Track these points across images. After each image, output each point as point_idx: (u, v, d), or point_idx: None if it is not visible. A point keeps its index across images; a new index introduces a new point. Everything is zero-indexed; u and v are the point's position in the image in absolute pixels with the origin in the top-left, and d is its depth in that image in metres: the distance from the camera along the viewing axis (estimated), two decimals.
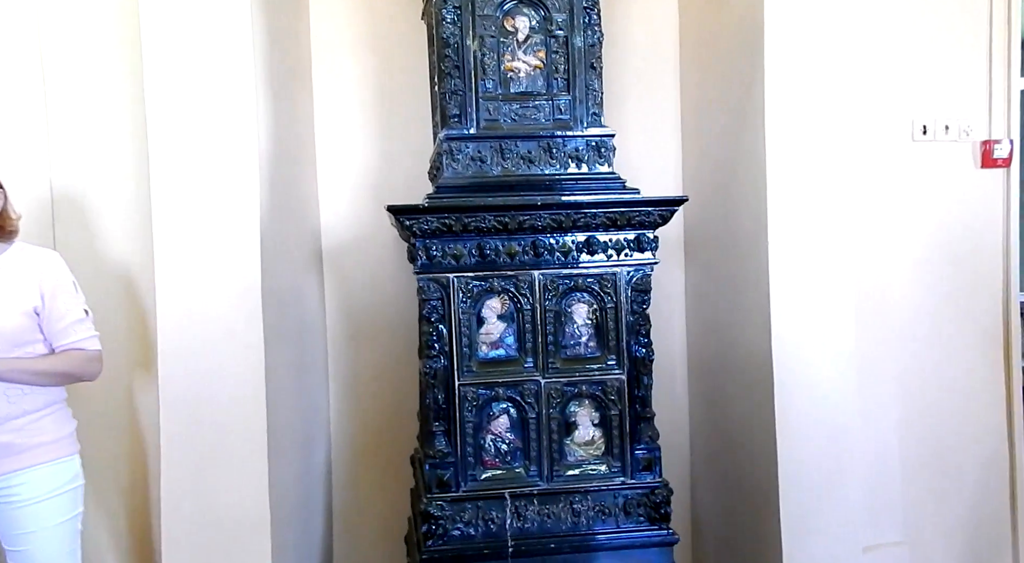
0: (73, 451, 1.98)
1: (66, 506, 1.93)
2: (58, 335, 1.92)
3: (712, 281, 2.71)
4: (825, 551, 2.32)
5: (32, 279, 1.91)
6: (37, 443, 1.89)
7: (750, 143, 2.39)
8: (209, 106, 2.12)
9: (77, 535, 1.97)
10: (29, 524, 1.87)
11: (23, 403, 1.87)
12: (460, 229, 1.97)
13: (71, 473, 1.95)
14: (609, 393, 2.06)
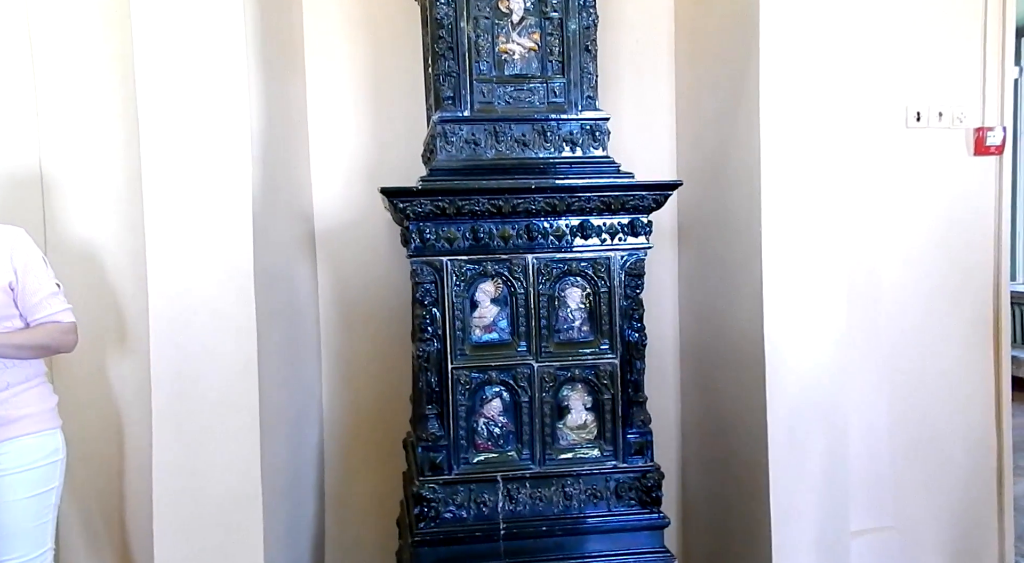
0: (56, 425, 2.02)
1: (43, 478, 1.95)
2: (33, 309, 1.94)
3: (705, 266, 2.71)
4: (813, 535, 2.34)
5: (3, 255, 1.92)
6: (22, 415, 1.92)
7: (744, 127, 2.39)
8: (200, 86, 2.10)
9: (51, 508, 1.99)
10: (5, 493, 1.89)
11: (6, 376, 1.90)
12: (454, 212, 1.96)
13: (53, 446, 1.99)
14: (602, 377, 2.06)
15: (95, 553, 2.47)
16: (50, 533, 1.98)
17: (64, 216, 2.40)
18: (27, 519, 1.93)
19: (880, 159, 2.87)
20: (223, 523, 2.16)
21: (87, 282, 2.19)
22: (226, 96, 2.13)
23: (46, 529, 1.97)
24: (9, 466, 1.90)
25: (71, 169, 2.42)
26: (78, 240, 2.38)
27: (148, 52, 2.06)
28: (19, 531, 1.91)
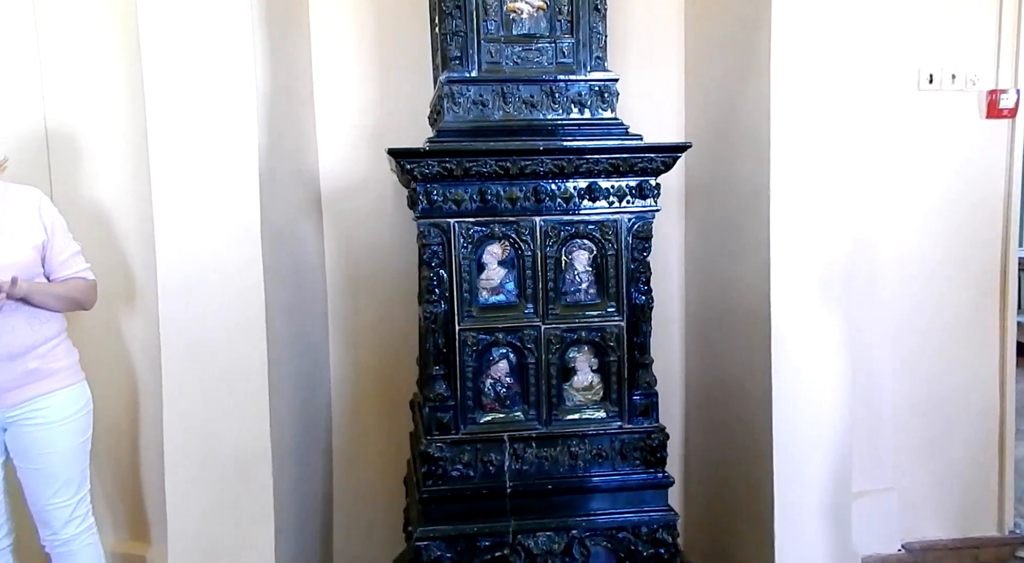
0: (83, 377, 2.11)
1: (82, 428, 2.08)
2: (60, 267, 2.03)
3: (712, 229, 2.70)
4: (816, 497, 2.38)
5: (33, 215, 1.99)
6: (58, 368, 2.02)
7: (755, 88, 2.36)
8: (206, 46, 2.09)
9: (87, 455, 2.11)
10: (51, 444, 2.00)
11: (44, 331, 1.99)
12: (461, 174, 1.95)
13: (85, 397, 2.10)
14: (608, 339, 2.07)
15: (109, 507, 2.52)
16: (88, 477, 2.11)
17: (70, 176, 2.41)
18: (72, 466, 2.05)
19: (891, 122, 2.85)
20: (234, 480, 2.20)
21: (94, 241, 2.20)
22: (232, 57, 2.12)
23: (85, 474, 2.10)
24: (55, 417, 2.00)
25: (76, 129, 2.42)
26: (84, 200, 2.39)
27: (153, 11, 2.04)
28: (66, 477, 2.04)
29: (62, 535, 2.05)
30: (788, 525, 2.34)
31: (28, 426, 1.98)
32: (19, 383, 1.94)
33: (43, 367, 1.98)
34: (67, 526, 2.05)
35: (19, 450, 2.00)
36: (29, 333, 1.94)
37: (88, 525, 2.10)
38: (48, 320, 2.00)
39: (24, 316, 1.93)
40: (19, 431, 1.98)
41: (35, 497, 2.03)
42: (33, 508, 2.04)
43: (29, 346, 1.94)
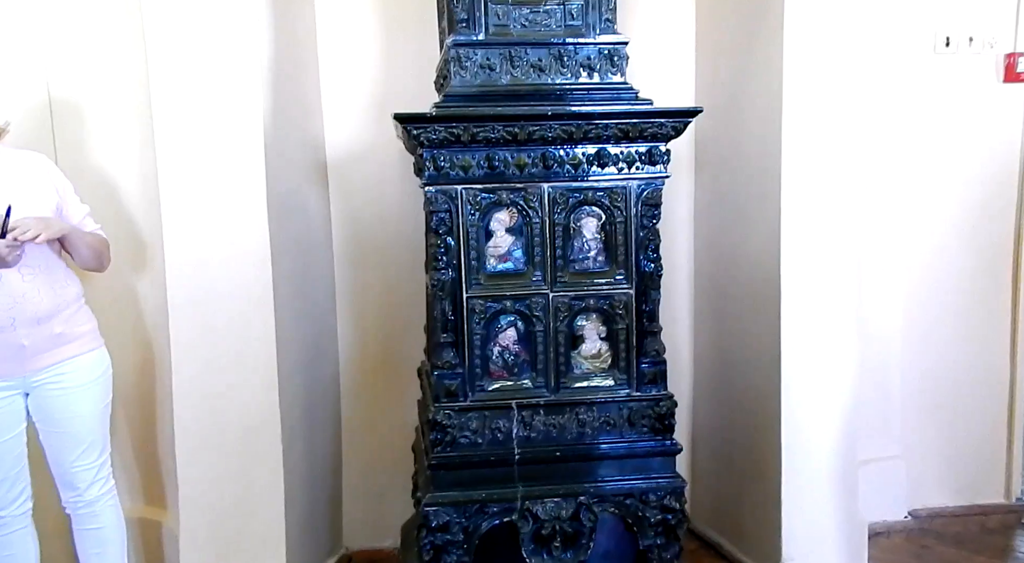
0: (103, 343, 2.13)
1: (103, 391, 2.10)
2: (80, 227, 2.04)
3: (721, 196, 2.68)
4: (823, 464, 2.38)
5: (44, 180, 2.00)
6: (81, 332, 2.05)
7: (767, 51, 2.32)
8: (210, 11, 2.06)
9: (108, 419, 2.13)
10: (75, 408, 2.03)
11: (65, 294, 2.01)
12: (468, 139, 1.93)
13: (106, 362, 2.12)
14: (616, 307, 2.06)
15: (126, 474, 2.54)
16: (108, 440, 2.14)
17: (75, 144, 2.38)
18: (95, 429, 2.08)
19: (905, 87, 2.80)
20: (243, 447, 2.22)
21: (101, 210, 2.19)
22: (236, 22, 2.09)
23: (107, 437, 2.13)
24: (79, 381, 2.03)
25: (80, 97, 2.39)
26: (90, 168, 2.37)
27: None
28: (90, 440, 2.07)
29: (86, 497, 2.08)
30: (795, 492, 2.35)
31: (53, 390, 1.99)
32: (46, 347, 1.96)
33: (67, 331, 2.00)
34: (91, 488, 2.08)
35: (44, 414, 2.01)
36: (53, 296, 1.96)
37: (110, 487, 2.14)
38: (69, 284, 2.02)
39: (46, 279, 1.94)
40: (43, 395, 1.99)
41: (59, 460, 2.05)
42: (57, 471, 2.07)
43: (54, 310, 1.96)
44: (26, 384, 1.98)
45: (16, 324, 1.89)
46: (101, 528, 2.13)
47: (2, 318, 1.87)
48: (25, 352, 1.92)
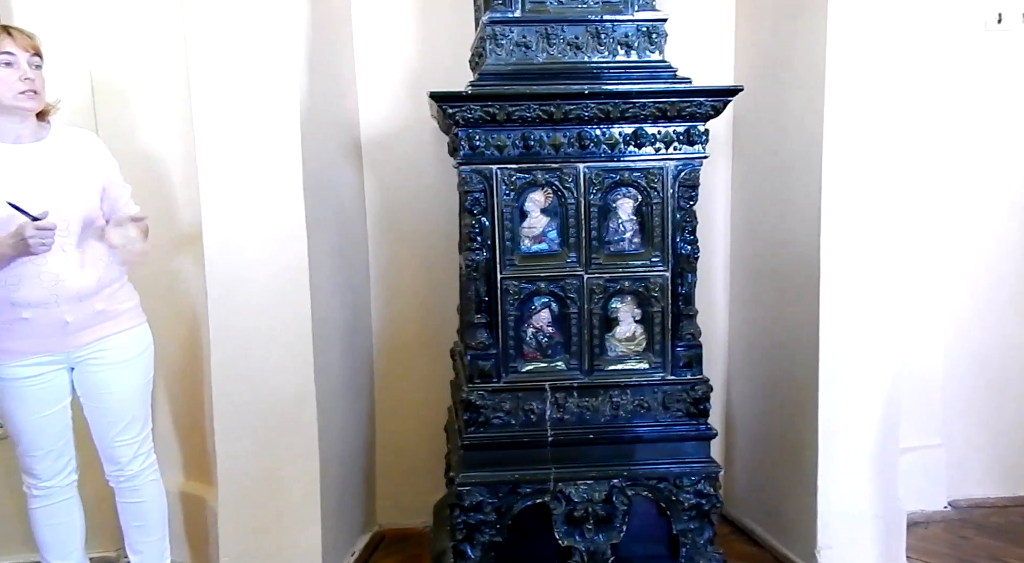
0: (145, 319, 2.17)
1: (145, 367, 2.14)
2: (123, 209, 2.09)
3: (760, 176, 2.62)
4: (862, 450, 2.34)
5: (92, 160, 2.04)
6: (123, 309, 2.08)
7: (809, 27, 2.25)
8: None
9: (150, 395, 2.18)
10: (117, 383, 2.07)
11: (108, 273, 2.04)
12: (504, 118, 1.91)
13: (148, 339, 2.16)
14: (652, 289, 2.03)
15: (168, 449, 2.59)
16: (150, 416, 2.19)
17: (117, 124, 2.42)
18: (139, 403, 2.14)
19: (955, 65, 2.70)
20: (280, 423, 2.26)
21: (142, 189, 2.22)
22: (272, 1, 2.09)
23: (148, 413, 2.18)
24: (121, 357, 2.07)
25: (122, 77, 2.42)
26: (130, 147, 2.40)
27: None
28: (132, 415, 2.12)
29: (127, 471, 2.13)
30: (832, 479, 2.31)
31: (95, 365, 2.04)
32: (89, 323, 1.99)
33: (109, 308, 2.03)
34: (132, 462, 2.13)
35: (87, 389, 2.06)
36: (95, 274, 1.99)
37: (151, 462, 2.18)
38: (110, 263, 2.05)
39: (90, 258, 1.97)
40: (86, 370, 2.04)
41: (102, 435, 2.10)
42: (100, 445, 2.12)
43: (96, 287, 1.99)
44: (70, 359, 2.02)
45: (59, 301, 1.93)
46: (142, 502, 2.18)
47: (46, 295, 1.91)
48: (68, 328, 1.96)
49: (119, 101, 2.43)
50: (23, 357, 1.95)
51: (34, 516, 2.12)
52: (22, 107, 1.89)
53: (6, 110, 1.89)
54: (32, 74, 1.88)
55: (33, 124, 1.95)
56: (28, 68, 1.88)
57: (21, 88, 1.86)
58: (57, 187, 1.93)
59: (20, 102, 1.87)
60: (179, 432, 2.62)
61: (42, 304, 1.92)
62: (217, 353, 2.23)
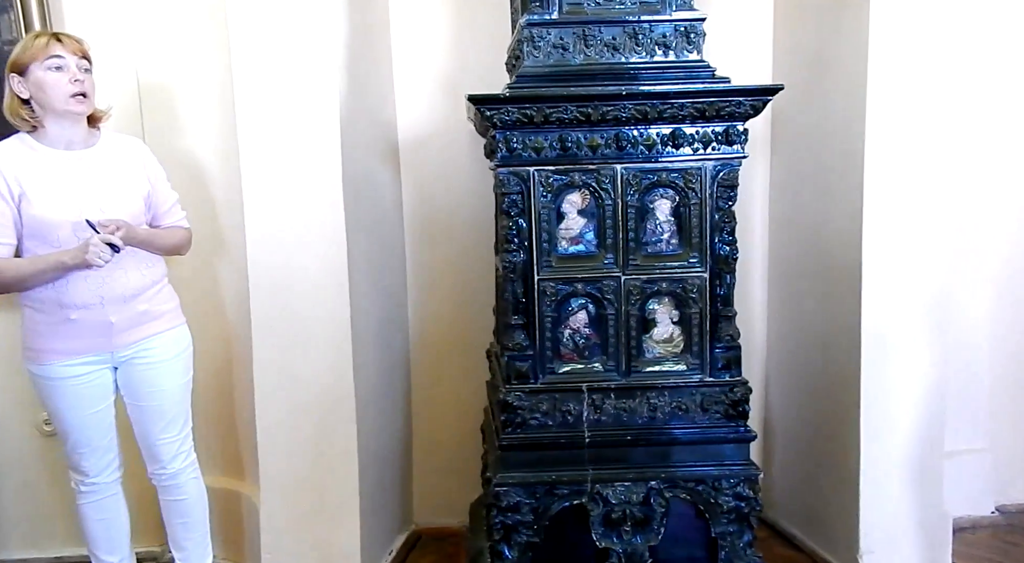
0: (184, 320, 2.21)
1: (184, 367, 2.19)
2: (164, 216, 2.15)
3: (799, 175, 2.59)
4: (905, 453, 2.30)
5: (139, 167, 2.09)
6: (165, 310, 2.13)
7: (852, 24, 2.22)
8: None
9: (190, 394, 2.22)
10: (158, 382, 2.12)
11: (151, 274, 2.09)
12: (541, 120, 1.91)
13: (188, 339, 2.21)
14: (690, 291, 2.02)
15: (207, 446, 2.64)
16: (190, 415, 2.23)
17: (162, 128, 2.47)
18: (179, 402, 2.18)
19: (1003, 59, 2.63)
20: (320, 421, 2.29)
21: (186, 191, 2.26)
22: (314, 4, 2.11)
23: (188, 412, 2.22)
24: (163, 357, 2.12)
25: (167, 81, 2.48)
26: (177, 151, 2.46)
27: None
28: (174, 413, 2.17)
29: (169, 469, 2.18)
30: (875, 482, 2.28)
31: (138, 365, 2.09)
32: (132, 324, 2.04)
33: (151, 309, 2.08)
34: (173, 461, 2.17)
35: (130, 388, 2.11)
36: (139, 277, 2.04)
37: (192, 460, 2.23)
38: (154, 265, 2.10)
39: (134, 261, 2.02)
40: (130, 369, 2.09)
41: (144, 433, 2.15)
42: (142, 444, 2.17)
43: (139, 289, 2.04)
44: (114, 359, 2.07)
45: (104, 302, 1.98)
46: (184, 499, 2.22)
47: (91, 297, 1.97)
48: (112, 328, 2.01)
49: (164, 106, 2.48)
50: (70, 357, 2.01)
51: (83, 511, 2.18)
52: (72, 111, 1.94)
53: (58, 115, 1.94)
54: (81, 77, 1.93)
55: (84, 130, 2.01)
56: (77, 71, 1.93)
57: (72, 90, 1.91)
58: (104, 193, 1.98)
59: (71, 106, 1.93)
60: (217, 430, 2.66)
61: (88, 306, 1.97)
62: (259, 353, 2.26)
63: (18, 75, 1.91)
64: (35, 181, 1.91)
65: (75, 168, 1.97)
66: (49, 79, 1.90)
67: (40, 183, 1.92)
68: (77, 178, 1.96)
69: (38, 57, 1.89)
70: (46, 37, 1.92)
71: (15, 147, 1.95)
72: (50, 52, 1.90)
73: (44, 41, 1.90)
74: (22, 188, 1.90)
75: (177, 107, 2.48)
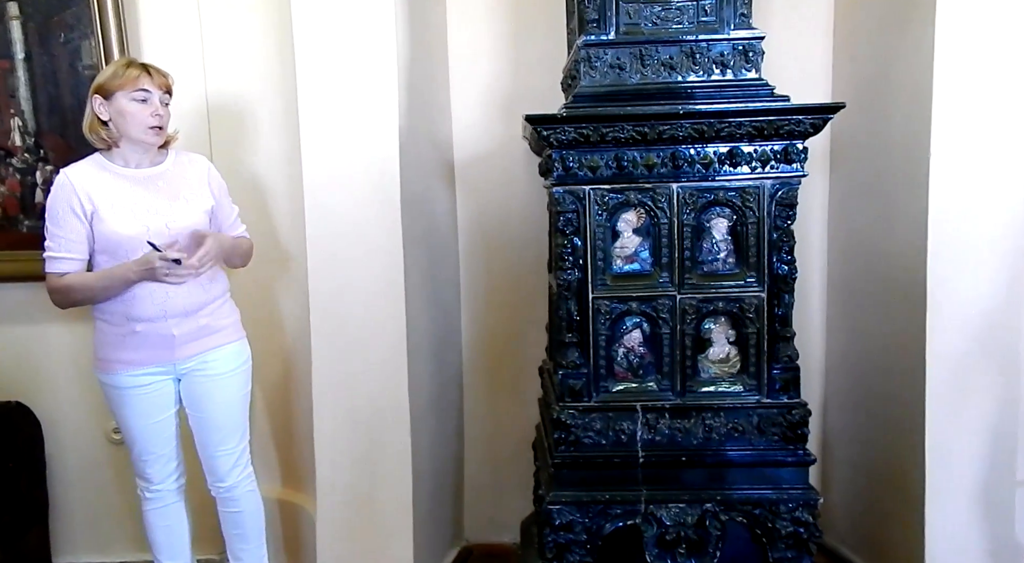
0: (244, 335, 2.27)
1: (243, 381, 2.24)
2: (228, 229, 2.22)
3: (860, 193, 2.53)
4: (973, 479, 2.21)
5: (203, 182, 2.17)
6: (225, 325, 2.20)
7: (914, 40, 2.17)
8: (351, 16, 2.16)
9: (247, 408, 2.27)
10: (217, 395, 2.18)
11: (213, 290, 2.16)
12: (597, 140, 1.92)
13: (246, 353, 2.26)
14: (747, 310, 1.99)
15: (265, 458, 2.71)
16: (248, 429, 2.29)
17: (229, 147, 2.57)
18: (236, 415, 2.24)
19: None
20: (375, 435, 2.32)
21: (250, 209, 2.34)
22: (375, 26, 2.17)
23: (246, 425, 2.28)
24: (222, 370, 2.18)
25: (234, 102, 2.57)
26: (240, 168, 2.54)
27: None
28: (233, 425, 2.23)
29: (226, 482, 2.24)
30: (940, 510, 2.19)
31: (198, 377, 2.16)
32: (193, 337, 2.11)
33: (212, 323, 2.15)
34: (230, 473, 2.23)
35: (190, 399, 2.18)
36: (201, 292, 2.11)
37: (248, 473, 2.28)
38: (216, 280, 2.17)
39: (196, 276, 2.08)
40: (191, 381, 2.16)
41: (203, 444, 2.22)
42: (202, 455, 2.23)
43: (201, 304, 2.11)
44: (176, 370, 2.14)
45: (167, 315, 2.06)
46: (240, 512, 2.27)
47: (155, 310, 2.04)
48: (174, 341, 2.09)
49: (230, 124, 2.57)
50: (135, 367, 2.09)
51: (147, 518, 2.25)
52: (147, 141, 2.04)
53: (132, 141, 2.04)
54: (162, 111, 2.03)
55: (152, 151, 2.10)
56: (159, 105, 2.02)
57: (151, 123, 2.01)
58: (170, 208, 2.06)
59: (148, 137, 2.03)
60: (277, 442, 2.73)
61: (152, 319, 2.05)
62: (318, 368, 2.31)
63: (103, 98, 2.00)
64: (105, 199, 2.01)
65: (143, 186, 2.06)
66: (133, 109, 1.99)
67: (110, 200, 2.01)
68: (144, 195, 2.05)
69: (126, 86, 1.98)
70: (138, 70, 2.01)
71: (88, 167, 2.06)
72: (139, 85, 1.99)
73: (136, 73, 2.00)
74: (94, 206, 1.99)
75: (243, 128, 2.57)
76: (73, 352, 2.66)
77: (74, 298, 2.04)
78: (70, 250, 2.01)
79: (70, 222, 2.00)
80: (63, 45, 2.49)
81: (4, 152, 2.58)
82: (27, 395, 2.69)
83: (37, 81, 2.52)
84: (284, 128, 2.45)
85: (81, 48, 2.49)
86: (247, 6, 2.51)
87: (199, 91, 2.55)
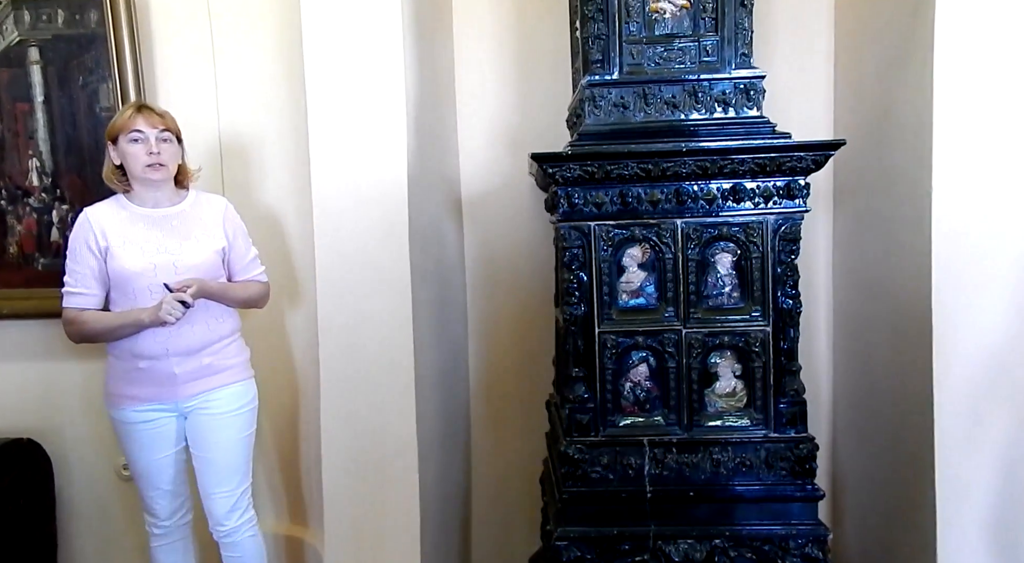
0: (251, 375, 2.28)
1: (246, 422, 2.23)
2: (241, 270, 2.24)
3: (863, 228, 2.55)
4: (986, 515, 2.19)
5: (217, 223, 2.20)
6: (231, 364, 2.20)
7: (914, 78, 2.21)
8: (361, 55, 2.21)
9: (251, 450, 2.26)
10: (218, 434, 2.18)
11: (219, 329, 2.17)
12: (602, 177, 1.96)
13: (252, 394, 2.26)
14: (752, 344, 2.01)
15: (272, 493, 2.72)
16: (250, 472, 2.27)
17: (240, 183, 2.62)
18: (237, 457, 2.22)
19: None
20: (383, 469, 2.32)
21: (261, 244, 2.37)
22: (384, 64, 2.22)
23: (248, 468, 2.26)
24: (223, 410, 2.18)
25: (245, 140, 2.63)
26: (252, 203, 2.59)
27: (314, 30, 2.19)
28: (231, 467, 2.21)
29: (225, 525, 2.20)
30: (954, 547, 2.17)
31: (201, 415, 2.17)
32: (195, 376, 2.13)
33: (216, 363, 2.16)
34: (229, 516, 2.20)
35: (193, 437, 2.19)
36: (206, 331, 2.14)
37: (248, 517, 2.25)
38: (224, 320, 2.19)
39: (203, 315, 2.12)
40: (195, 419, 2.17)
41: (202, 484, 2.20)
42: (202, 495, 2.21)
43: (205, 343, 2.14)
44: (180, 408, 2.16)
45: (169, 353, 2.08)
46: (240, 557, 2.24)
47: (158, 348, 2.07)
48: (176, 379, 2.11)
49: (242, 162, 2.63)
50: (140, 403, 2.11)
51: (155, 554, 2.25)
52: (149, 178, 2.08)
53: (138, 180, 2.10)
54: (158, 148, 2.06)
55: (170, 190, 2.15)
56: (155, 143, 2.06)
57: (147, 161, 2.06)
58: (179, 247, 2.10)
59: (147, 174, 2.07)
60: (284, 478, 2.73)
61: (155, 356, 2.08)
62: (327, 401, 2.33)
63: (112, 144, 2.08)
64: (119, 236, 2.06)
65: (158, 225, 2.10)
66: (131, 150, 2.06)
67: (123, 238, 2.06)
68: (157, 234, 2.09)
69: (123, 129, 2.06)
70: (131, 110, 2.08)
71: (108, 207, 2.12)
72: (131, 126, 2.05)
73: (128, 114, 2.07)
74: (107, 242, 2.05)
75: (255, 166, 2.63)
76: (84, 389, 2.69)
77: (86, 333, 2.08)
78: (87, 285, 2.06)
79: (86, 258, 2.05)
80: (82, 88, 2.56)
81: (22, 192, 2.64)
82: (38, 432, 2.71)
83: (56, 123, 2.59)
84: (294, 166, 2.50)
85: (99, 90, 2.55)
86: (260, 48, 2.58)
87: (212, 129, 2.61)
